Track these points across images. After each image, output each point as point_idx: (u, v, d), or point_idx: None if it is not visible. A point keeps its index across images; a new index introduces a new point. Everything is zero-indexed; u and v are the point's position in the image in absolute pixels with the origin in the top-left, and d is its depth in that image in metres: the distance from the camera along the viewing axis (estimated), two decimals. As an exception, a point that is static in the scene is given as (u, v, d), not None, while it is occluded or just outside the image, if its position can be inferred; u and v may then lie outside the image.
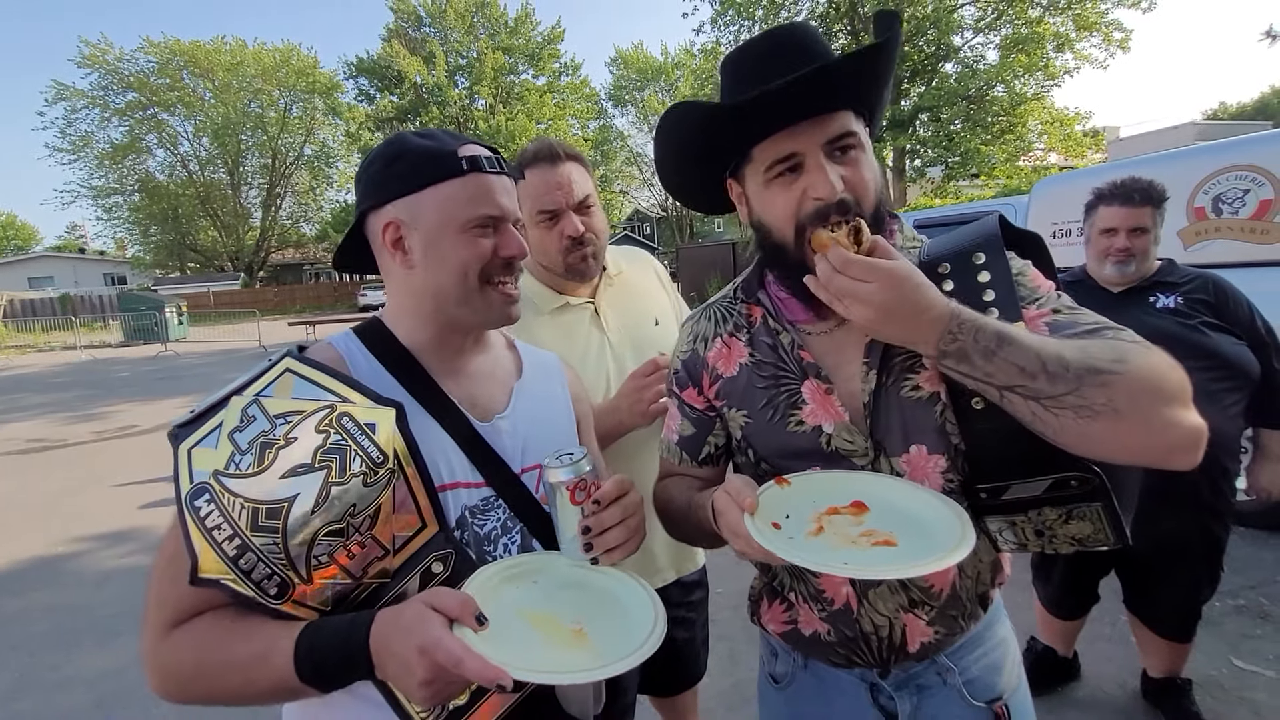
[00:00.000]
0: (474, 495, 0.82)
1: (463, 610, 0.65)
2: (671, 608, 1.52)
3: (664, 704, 1.71)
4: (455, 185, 0.80)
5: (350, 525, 0.69)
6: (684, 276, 15.10)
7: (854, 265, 0.74)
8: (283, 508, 0.66)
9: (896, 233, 0.94)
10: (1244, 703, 2.13)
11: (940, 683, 0.92)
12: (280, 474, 0.67)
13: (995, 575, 0.94)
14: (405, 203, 0.80)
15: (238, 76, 33.07)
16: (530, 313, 1.41)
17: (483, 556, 0.80)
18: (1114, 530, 0.80)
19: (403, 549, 0.73)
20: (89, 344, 19.45)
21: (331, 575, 0.69)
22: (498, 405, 0.89)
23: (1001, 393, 0.72)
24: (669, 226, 35.47)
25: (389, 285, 0.87)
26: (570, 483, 0.76)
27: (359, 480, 0.69)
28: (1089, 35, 17.43)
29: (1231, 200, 3.27)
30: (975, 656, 0.93)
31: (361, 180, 0.85)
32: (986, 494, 0.83)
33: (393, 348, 0.84)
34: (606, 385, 1.41)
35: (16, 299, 27.46)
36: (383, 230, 0.81)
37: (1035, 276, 0.85)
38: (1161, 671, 2.07)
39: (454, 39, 31.02)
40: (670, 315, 1.62)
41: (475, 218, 0.80)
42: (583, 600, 0.76)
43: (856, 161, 0.82)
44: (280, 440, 0.68)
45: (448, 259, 0.80)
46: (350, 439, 0.70)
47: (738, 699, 2.31)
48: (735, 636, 2.66)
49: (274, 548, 0.66)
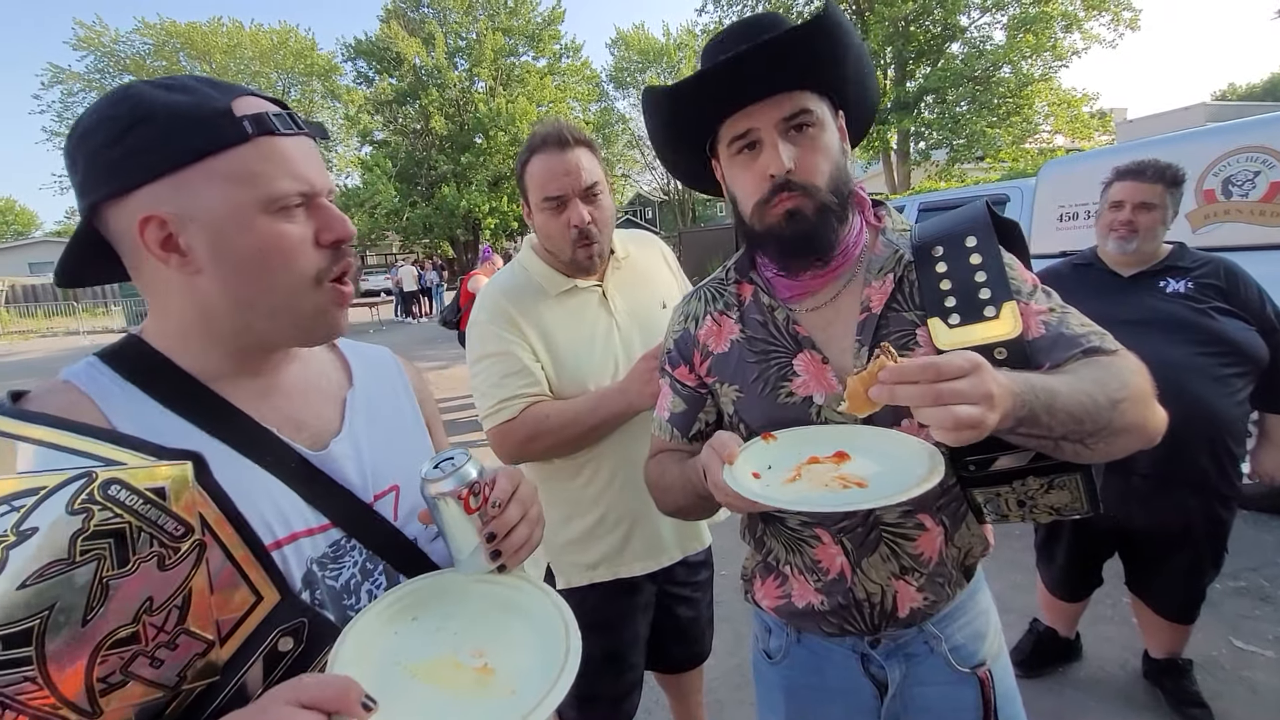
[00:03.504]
0: (319, 543, 0.66)
1: (343, 699, 0.49)
2: (676, 586, 1.57)
3: (669, 681, 1.74)
4: (240, 155, 0.60)
5: (149, 625, 0.51)
6: (686, 260, 14.98)
7: (947, 366, 0.64)
8: (32, 628, 0.47)
9: (885, 218, 0.97)
10: (1242, 682, 2.15)
11: (928, 651, 0.96)
12: (18, 582, 0.47)
13: (983, 549, 0.98)
14: (165, 186, 0.59)
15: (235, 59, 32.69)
16: (537, 296, 1.41)
17: (344, 614, 0.65)
18: (1089, 498, 0.86)
19: (234, 634, 0.57)
20: (91, 329, 19.49)
21: (134, 698, 0.51)
22: (330, 426, 0.72)
23: (1056, 443, 0.75)
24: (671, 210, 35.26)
25: (156, 297, 0.65)
26: (461, 491, 0.66)
27: (151, 564, 0.52)
28: (1098, 15, 17.14)
29: (1241, 182, 3.24)
30: (960, 624, 0.97)
31: (79, 158, 0.60)
32: (975, 465, 0.86)
33: (170, 376, 0.63)
34: (615, 368, 1.41)
35: (18, 284, 27.46)
36: (139, 228, 0.59)
37: (1022, 271, 0.88)
38: (1162, 652, 2.09)
39: (453, 20, 30.60)
40: (677, 298, 1.61)
41: (278, 196, 0.61)
42: (473, 623, 0.65)
43: (811, 140, 0.85)
44: (8, 536, 0.48)
45: (251, 257, 0.61)
46: (128, 512, 0.52)
47: (741, 680, 2.34)
48: (739, 618, 2.69)
49: (29, 686, 0.47)
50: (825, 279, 0.93)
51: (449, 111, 29.45)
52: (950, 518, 0.93)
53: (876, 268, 0.91)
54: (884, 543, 0.92)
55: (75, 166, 0.61)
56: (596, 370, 1.40)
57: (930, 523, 0.92)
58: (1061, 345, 0.81)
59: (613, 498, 1.41)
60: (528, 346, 1.37)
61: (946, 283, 0.86)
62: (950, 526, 0.93)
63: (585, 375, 1.39)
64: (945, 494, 0.91)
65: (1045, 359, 0.81)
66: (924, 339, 0.86)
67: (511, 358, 1.36)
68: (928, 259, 0.88)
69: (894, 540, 0.92)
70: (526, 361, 1.36)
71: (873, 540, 0.93)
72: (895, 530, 0.92)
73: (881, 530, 0.92)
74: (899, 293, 0.89)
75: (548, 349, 1.38)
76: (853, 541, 0.94)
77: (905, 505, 0.82)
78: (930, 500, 0.91)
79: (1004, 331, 0.81)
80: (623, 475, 1.41)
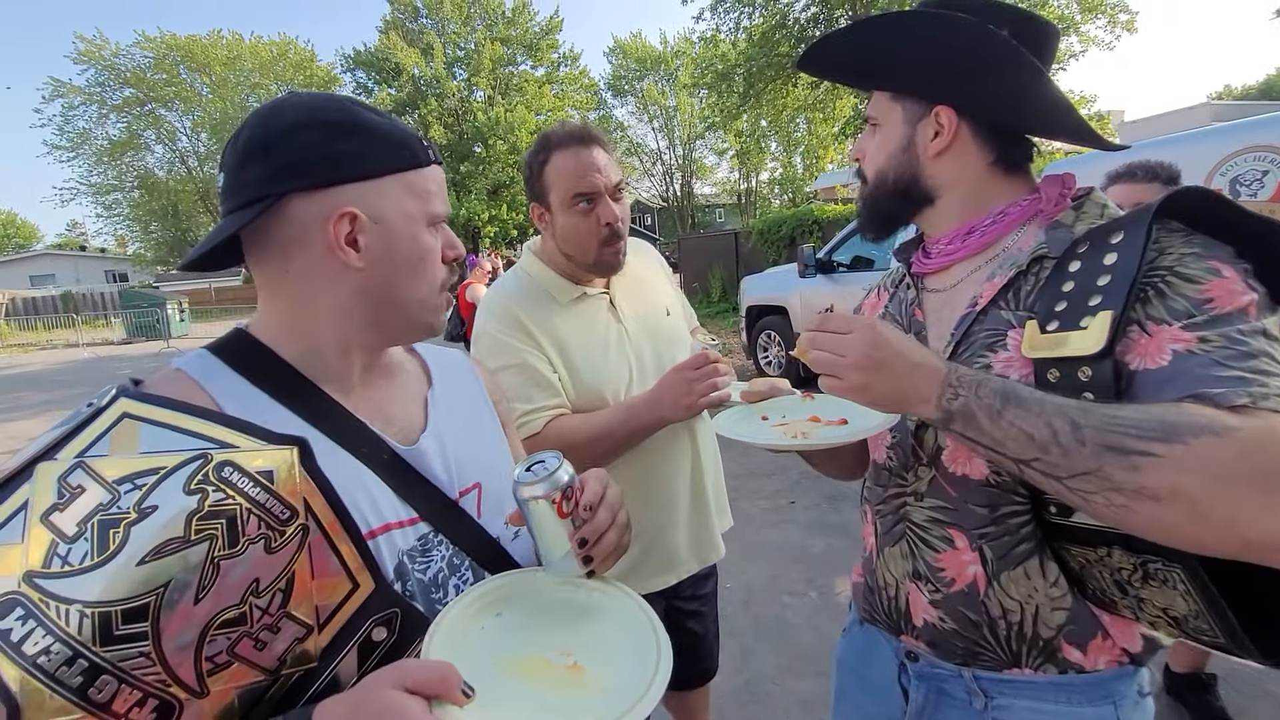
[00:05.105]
0: (409, 536, 0.68)
1: (445, 684, 0.50)
2: (684, 600, 1.49)
3: (675, 700, 1.67)
4: (423, 176, 0.69)
5: (254, 607, 0.53)
6: (686, 266, 14.99)
7: (831, 319, 0.75)
8: (148, 604, 0.49)
9: (1070, 211, 0.82)
10: (1268, 696, 2.09)
11: (965, 700, 0.87)
12: (137, 559, 0.49)
13: (1073, 627, 0.78)
14: (368, 189, 0.65)
15: (235, 71, 32.88)
16: (548, 304, 1.36)
17: (432, 607, 0.67)
18: (1216, 617, 0.64)
19: (330, 620, 0.58)
20: (91, 341, 19.45)
21: (239, 679, 0.53)
22: (415, 422, 0.75)
23: (1020, 466, 0.65)
24: (670, 217, 35.31)
25: (289, 287, 0.68)
26: (554, 495, 0.67)
27: (259, 546, 0.54)
28: (1094, 17, 17.18)
29: (1250, 181, 3.19)
30: (1029, 708, 0.82)
31: (280, 148, 0.64)
32: (1055, 509, 0.75)
33: (275, 367, 0.67)
34: (629, 377, 1.36)
35: (18, 297, 27.47)
36: (333, 220, 0.64)
37: (1217, 286, 0.65)
38: (1185, 667, 2.03)
39: (451, 30, 30.75)
40: (678, 306, 1.57)
41: (437, 214, 0.71)
42: (560, 623, 0.66)
43: (869, 138, 0.94)
44: (130, 513, 0.50)
45: (413, 261, 0.69)
46: (239, 495, 0.54)
47: (749, 698, 2.27)
48: (745, 632, 2.62)
49: (143, 661, 0.49)
50: (945, 260, 0.91)
51: (448, 121, 29.53)
52: (997, 553, 0.81)
53: (1009, 263, 0.83)
54: (906, 539, 0.90)
55: (268, 154, 0.64)
56: (612, 379, 1.34)
57: (963, 543, 0.84)
58: (1178, 383, 0.62)
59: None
60: (544, 356, 1.31)
61: (1070, 284, 0.74)
62: (994, 562, 0.81)
63: (602, 385, 1.33)
64: (996, 523, 0.80)
65: (1146, 395, 0.64)
66: (1015, 343, 0.77)
67: (530, 368, 1.29)
68: (1071, 257, 0.76)
69: (916, 541, 0.89)
70: (545, 372, 1.30)
71: (896, 532, 0.91)
72: (919, 532, 0.88)
73: (907, 525, 0.90)
74: (1010, 290, 0.81)
75: (563, 358, 1.32)
76: (882, 525, 0.94)
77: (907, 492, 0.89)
78: (970, 520, 0.83)
79: (1082, 346, 0.68)
80: (639, 488, 1.35)
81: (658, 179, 35.42)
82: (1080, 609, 0.78)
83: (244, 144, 0.65)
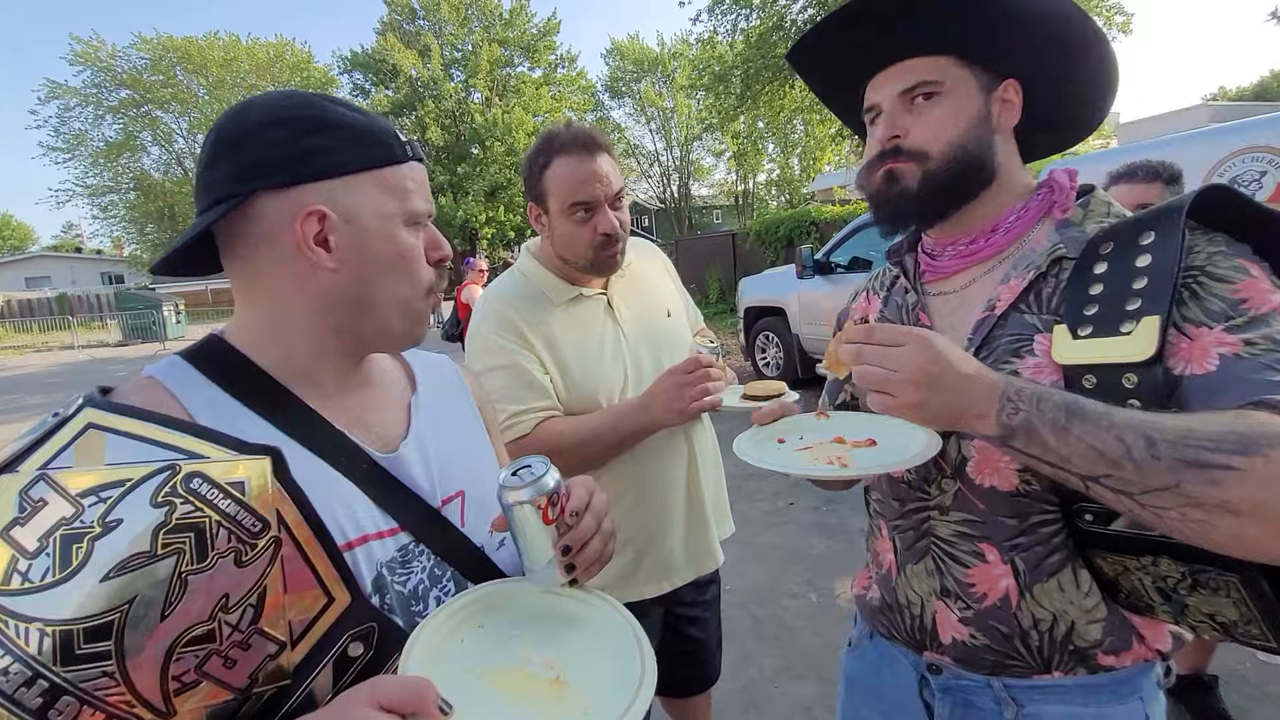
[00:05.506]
0: (389, 546, 0.66)
1: (422, 700, 0.48)
2: (684, 606, 1.47)
3: (675, 706, 1.65)
4: (398, 172, 0.66)
5: (224, 623, 0.51)
6: (683, 268, 14.86)
7: (879, 331, 0.68)
8: (112, 621, 0.47)
9: (1077, 209, 0.81)
10: (1269, 698, 2.08)
11: (995, 711, 0.84)
12: (101, 575, 0.47)
13: (1111, 638, 0.77)
14: (338, 186, 0.63)
15: (232, 72, 32.80)
16: (543, 305, 1.34)
17: (411, 620, 0.64)
18: (1271, 623, 0.63)
19: (304, 636, 0.56)
20: (87, 343, 19.40)
21: (208, 699, 0.51)
22: (396, 429, 0.73)
23: (1086, 484, 0.62)
24: (668, 218, 35.29)
25: (262, 291, 0.66)
26: (539, 500, 0.65)
27: (229, 560, 0.52)
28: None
29: (1248, 182, 3.19)
30: (1060, 712, 0.81)
31: (249, 145, 0.62)
32: (1093, 516, 0.72)
33: (249, 373, 0.64)
34: (624, 380, 1.34)
35: (14, 299, 27.37)
36: (299, 219, 0.61)
37: (1249, 286, 0.64)
38: (1187, 668, 2.02)
39: (448, 32, 30.73)
40: (680, 307, 1.55)
41: (417, 212, 0.67)
42: (543, 634, 0.64)
43: (923, 109, 0.81)
44: (94, 527, 0.48)
45: (389, 262, 0.65)
46: (209, 507, 0.52)
47: (749, 703, 2.26)
48: (745, 635, 2.61)
49: (107, 681, 0.46)
50: (963, 261, 0.86)
51: (445, 123, 29.51)
52: (1029, 564, 0.78)
53: (1025, 263, 0.80)
54: (931, 555, 0.86)
55: (236, 152, 0.62)
56: (606, 382, 1.33)
57: (994, 556, 0.80)
58: (1233, 390, 0.61)
59: (622, 517, 1.33)
60: (535, 358, 1.30)
61: (1098, 286, 0.70)
62: (1027, 574, 0.79)
63: (595, 387, 1.32)
64: (1026, 533, 0.78)
65: (1198, 402, 0.63)
66: (1043, 348, 0.74)
67: (520, 370, 1.28)
68: (1093, 258, 0.72)
69: (943, 558, 0.85)
70: (536, 374, 1.29)
71: (920, 549, 0.87)
72: (946, 548, 0.84)
73: (931, 541, 0.85)
74: (1032, 293, 0.78)
75: (555, 360, 1.31)
76: (902, 542, 0.90)
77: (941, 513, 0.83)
78: (1000, 532, 0.79)
79: (1128, 353, 0.65)
80: (633, 493, 1.33)
81: (655, 180, 35.44)
82: (1114, 618, 0.77)
83: (213, 143, 0.63)
